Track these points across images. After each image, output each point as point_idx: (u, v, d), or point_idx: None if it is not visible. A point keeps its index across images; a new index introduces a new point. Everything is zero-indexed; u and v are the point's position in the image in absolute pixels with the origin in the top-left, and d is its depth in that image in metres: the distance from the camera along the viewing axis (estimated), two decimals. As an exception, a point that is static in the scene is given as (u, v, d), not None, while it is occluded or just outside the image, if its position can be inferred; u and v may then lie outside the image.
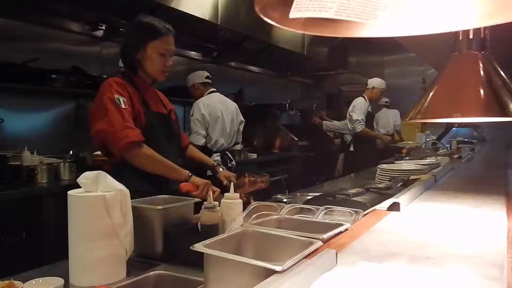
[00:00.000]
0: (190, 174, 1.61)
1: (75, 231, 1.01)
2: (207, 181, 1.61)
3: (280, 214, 1.15)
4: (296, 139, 5.15)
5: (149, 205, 1.20)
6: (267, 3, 0.63)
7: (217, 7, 3.38)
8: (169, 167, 1.61)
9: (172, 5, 2.89)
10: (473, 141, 4.46)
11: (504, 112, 1.02)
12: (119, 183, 1.06)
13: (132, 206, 1.08)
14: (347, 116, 4.75)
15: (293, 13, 0.66)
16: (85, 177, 1.05)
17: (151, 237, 1.16)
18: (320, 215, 1.12)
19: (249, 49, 4.30)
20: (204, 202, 1.15)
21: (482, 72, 1.09)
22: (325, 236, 0.88)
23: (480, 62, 1.10)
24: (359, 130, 4.56)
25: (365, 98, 4.71)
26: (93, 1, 2.78)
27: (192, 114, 3.46)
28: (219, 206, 1.18)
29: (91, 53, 3.35)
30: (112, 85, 1.61)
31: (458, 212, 1.23)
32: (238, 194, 1.21)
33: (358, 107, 4.60)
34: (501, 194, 1.43)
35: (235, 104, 3.73)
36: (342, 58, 6.21)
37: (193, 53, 4.38)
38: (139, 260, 1.13)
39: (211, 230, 1.11)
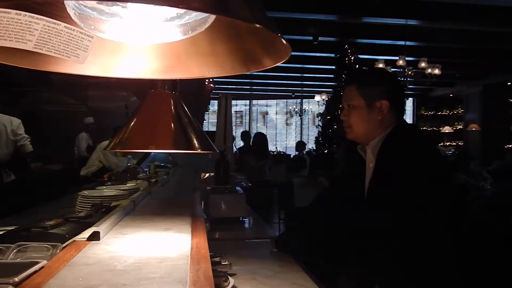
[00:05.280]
0: None
1: None
2: None
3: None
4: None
5: None
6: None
7: None
8: None
9: None
10: (168, 165, 4.92)
11: (190, 146, 1.20)
12: None
13: None
14: None
15: (-15, 41, 0.61)
16: None
17: None
18: (11, 255, 1.01)
19: None
20: None
21: (173, 110, 1.25)
22: (17, 279, 0.81)
23: (172, 100, 1.27)
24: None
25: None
26: None
27: None
28: None
29: None
30: None
31: (153, 236, 1.35)
32: None
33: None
34: (188, 215, 1.65)
35: None
36: (43, 75, 5.76)
37: None
38: None
39: None
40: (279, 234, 2.09)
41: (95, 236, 1.25)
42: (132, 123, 1.21)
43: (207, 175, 3.11)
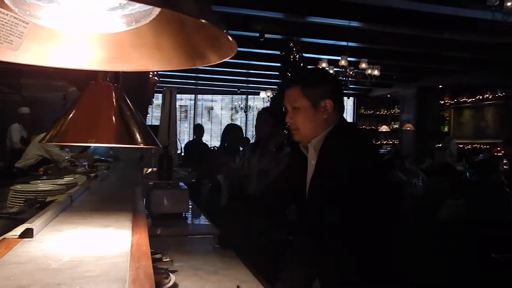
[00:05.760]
0: None
1: None
2: None
3: None
4: None
5: None
6: None
7: None
8: None
9: None
10: (109, 159, 4.75)
11: (132, 140, 1.17)
12: None
13: None
14: None
15: None
16: None
17: None
18: None
19: None
20: None
21: (115, 103, 1.21)
22: None
23: (114, 93, 1.22)
24: None
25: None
26: None
27: None
28: None
29: None
30: None
31: (91, 233, 1.30)
32: None
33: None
34: (129, 211, 1.61)
35: None
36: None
37: None
38: None
39: None
40: (223, 230, 2.09)
41: (27, 233, 1.18)
42: (71, 115, 1.15)
43: (150, 170, 3.03)
